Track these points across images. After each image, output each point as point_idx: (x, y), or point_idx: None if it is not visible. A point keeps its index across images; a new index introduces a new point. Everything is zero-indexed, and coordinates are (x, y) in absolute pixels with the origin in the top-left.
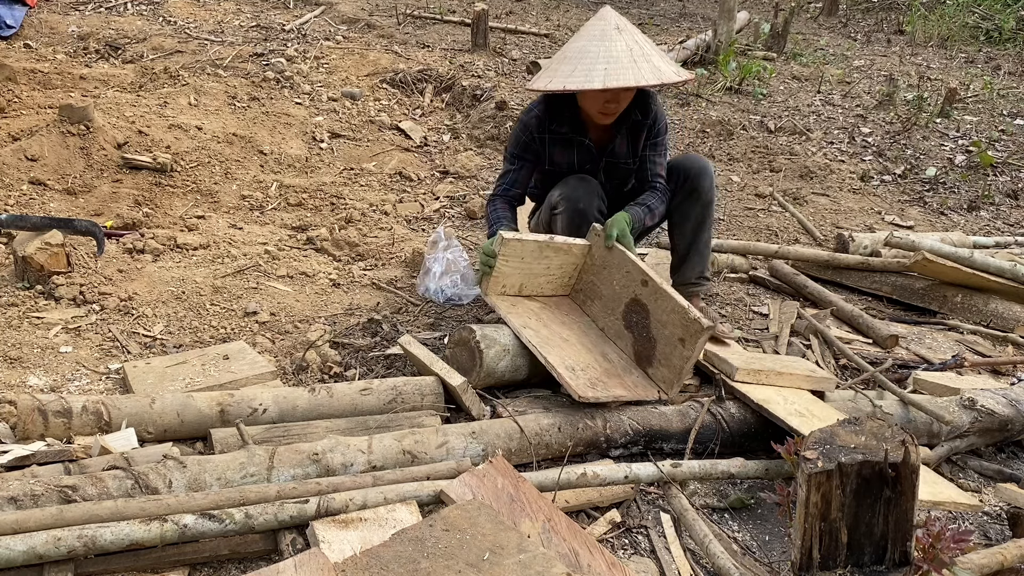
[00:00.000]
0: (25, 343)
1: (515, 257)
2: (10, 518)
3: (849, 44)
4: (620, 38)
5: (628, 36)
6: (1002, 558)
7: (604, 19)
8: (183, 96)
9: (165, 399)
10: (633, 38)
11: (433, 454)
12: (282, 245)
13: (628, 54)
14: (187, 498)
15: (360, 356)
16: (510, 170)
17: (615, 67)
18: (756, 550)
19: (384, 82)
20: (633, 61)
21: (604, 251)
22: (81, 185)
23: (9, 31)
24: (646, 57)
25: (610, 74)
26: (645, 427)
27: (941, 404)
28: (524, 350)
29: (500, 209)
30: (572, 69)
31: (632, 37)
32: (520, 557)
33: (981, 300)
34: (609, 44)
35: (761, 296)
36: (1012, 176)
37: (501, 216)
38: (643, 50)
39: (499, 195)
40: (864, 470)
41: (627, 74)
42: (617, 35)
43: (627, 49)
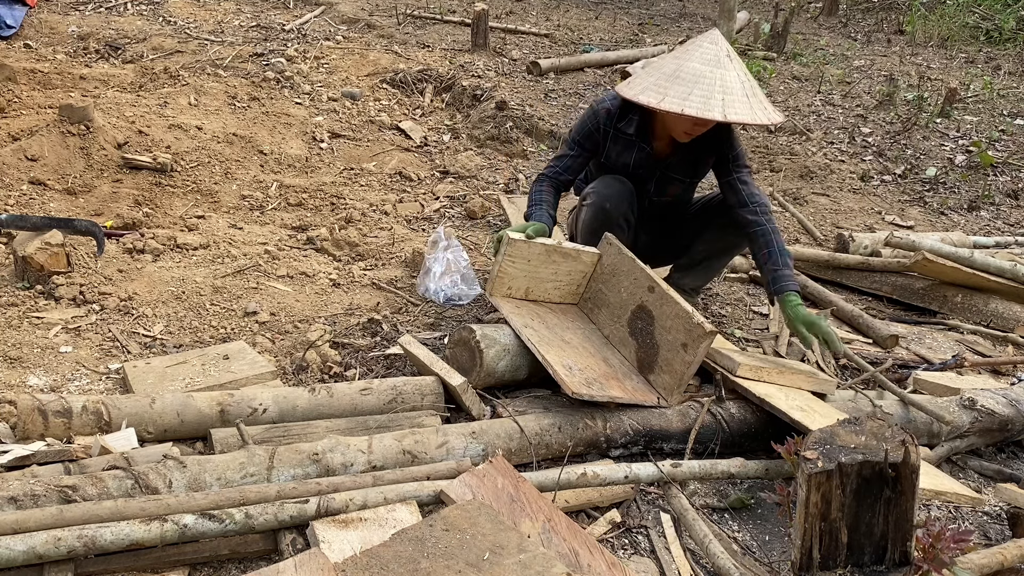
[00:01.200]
0: (25, 343)
1: (521, 259)
2: (10, 518)
3: (849, 44)
4: (732, 68)
5: (738, 67)
6: (1002, 558)
7: (716, 44)
8: (183, 96)
9: (165, 399)
10: (742, 68)
11: (433, 454)
12: (282, 245)
13: (742, 88)
14: (187, 498)
15: (360, 356)
16: (567, 155)
17: (732, 99)
18: (756, 550)
19: (384, 82)
20: (746, 96)
21: (614, 258)
22: (81, 185)
23: (9, 31)
24: (755, 93)
25: (728, 106)
26: (645, 427)
27: (941, 404)
28: (524, 350)
29: (545, 191)
30: (688, 92)
31: (741, 68)
32: (520, 557)
33: (981, 300)
34: (724, 73)
35: (761, 296)
36: (1012, 176)
37: (543, 199)
38: (752, 85)
39: (548, 176)
40: (864, 470)
41: (744, 110)
42: (729, 64)
43: (740, 82)
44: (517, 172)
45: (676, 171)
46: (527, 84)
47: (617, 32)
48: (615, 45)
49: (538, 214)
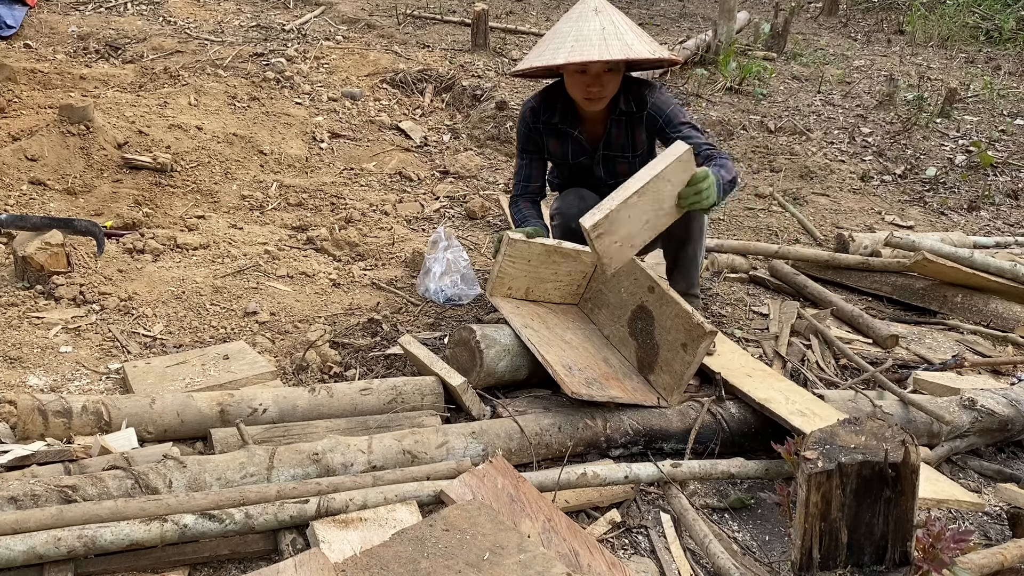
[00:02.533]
0: (25, 343)
1: (521, 259)
2: (10, 518)
3: (849, 44)
4: (596, 19)
5: (605, 17)
6: (1002, 558)
7: (584, 3)
8: (183, 96)
9: (165, 399)
10: (611, 19)
11: (433, 454)
12: (282, 245)
13: (599, 32)
14: (187, 498)
15: (360, 356)
16: (522, 165)
17: (582, 44)
18: (756, 550)
19: (384, 82)
20: (604, 40)
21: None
22: (81, 185)
23: (9, 31)
24: (619, 36)
25: (575, 50)
26: (645, 427)
27: (941, 404)
28: (524, 350)
29: (524, 208)
30: (543, 49)
31: (610, 18)
32: (520, 557)
33: (981, 300)
34: (582, 24)
35: (761, 296)
36: (1012, 176)
37: (527, 215)
38: (617, 29)
39: (519, 195)
40: (864, 470)
41: (593, 51)
42: (593, 16)
43: (599, 28)
44: None
45: (614, 148)
46: (527, 84)
47: None
48: None
49: (531, 223)
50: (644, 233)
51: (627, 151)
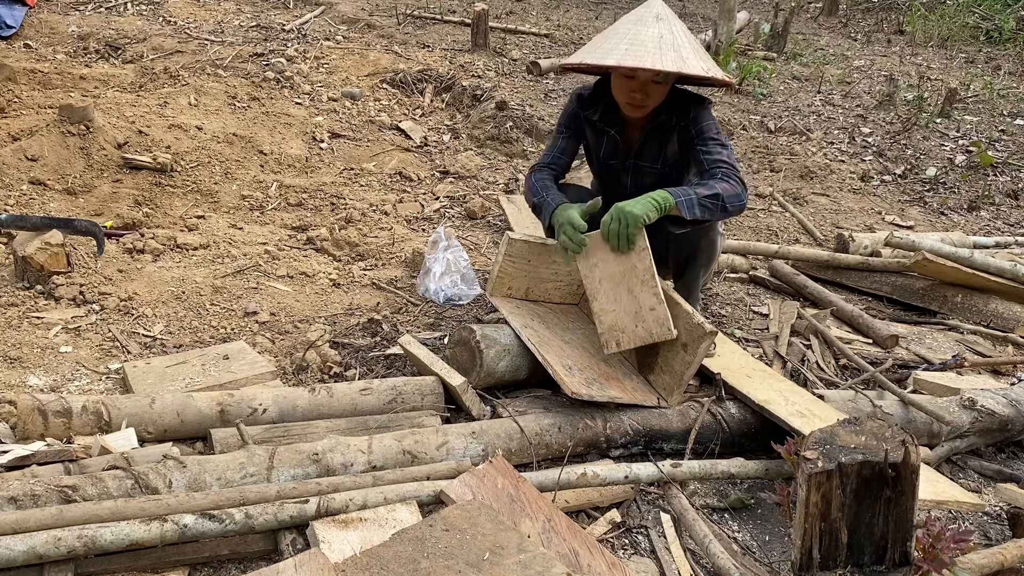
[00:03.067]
0: (25, 343)
1: (521, 259)
2: (10, 518)
3: (849, 44)
4: (655, 25)
5: (665, 25)
6: (1002, 558)
7: (648, 7)
8: (183, 96)
9: (165, 399)
10: (671, 28)
11: (433, 454)
12: (282, 245)
13: (656, 40)
14: (187, 498)
15: (360, 356)
16: (557, 139)
17: (636, 49)
18: (756, 550)
19: (384, 82)
20: (659, 48)
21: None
22: (81, 185)
23: (9, 31)
24: (676, 47)
25: (628, 54)
26: (645, 427)
27: (941, 404)
28: (524, 350)
29: (547, 179)
30: (596, 46)
31: (670, 27)
32: (520, 557)
33: (981, 300)
34: (641, 28)
35: (761, 296)
36: (1012, 176)
37: (548, 186)
38: (676, 40)
39: (544, 164)
40: (864, 470)
41: (645, 57)
42: (653, 22)
43: (657, 35)
44: (517, 172)
45: (645, 158)
46: (527, 84)
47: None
48: None
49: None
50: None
51: (657, 162)
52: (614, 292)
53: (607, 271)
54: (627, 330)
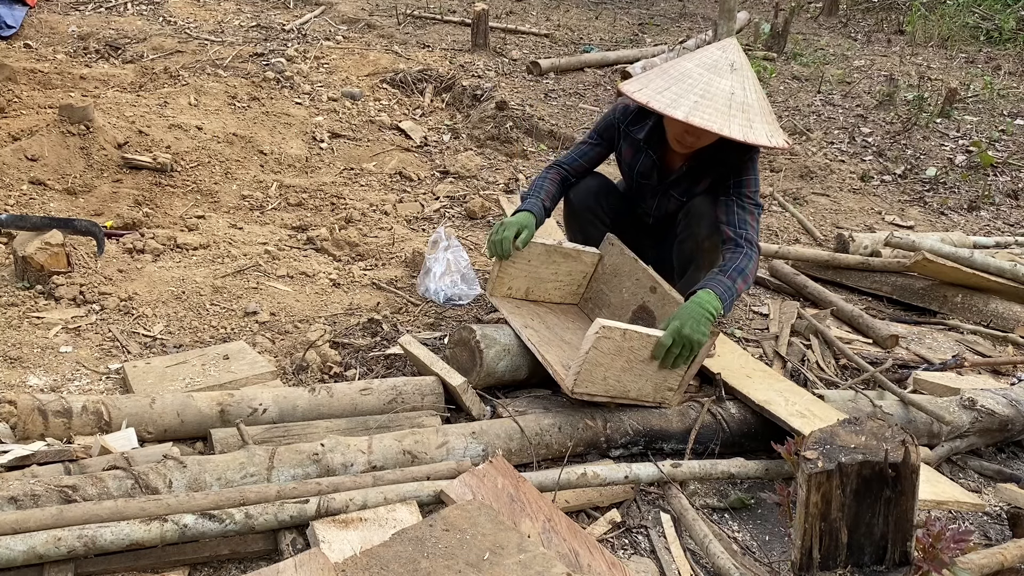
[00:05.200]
0: (25, 343)
1: (521, 259)
2: (10, 518)
3: (849, 44)
4: (729, 78)
5: (738, 79)
6: (1002, 558)
7: (723, 50)
8: (183, 96)
9: (165, 399)
10: (743, 82)
11: (433, 454)
12: (282, 245)
13: (727, 98)
14: (187, 498)
15: (360, 356)
16: (586, 143)
17: (706, 105)
18: (756, 550)
19: (384, 82)
20: (729, 108)
21: (616, 258)
22: (81, 185)
23: (9, 31)
24: (745, 108)
25: (697, 108)
26: (645, 427)
27: (941, 404)
28: (524, 350)
29: (548, 180)
30: (666, 87)
31: (742, 82)
32: (520, 557)
33: (981, 300)
34: (714, 79)
35: (761, 296)
36: (1012, 176)
37: (543, 188)
38: (747, 98)
39: (561, 163)
40: (864, 470)
41: (714, 119)
42: (728, 73)
43: (728, 92)
44: (517, 172)
45: (677, 189)
46: (527, 84)
47: (617, 32)
48: (615, 45)
49: (530, 203)
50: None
51: (684, 195)
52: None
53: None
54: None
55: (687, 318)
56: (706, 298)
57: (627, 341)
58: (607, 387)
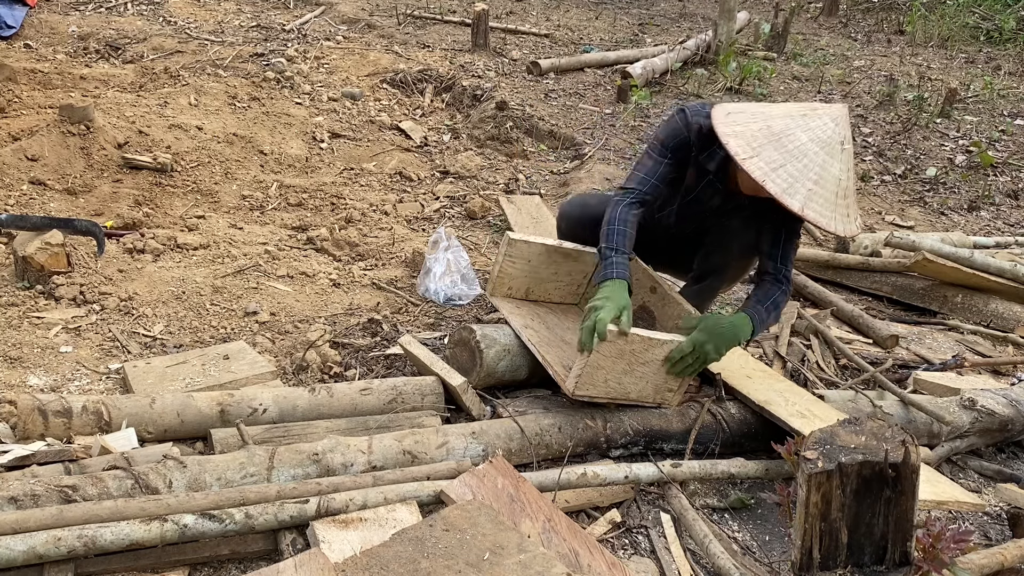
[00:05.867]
0: (25, 343)
1: (521, 259)
2: (10, 518)
3: (849, 44)
4: (839, 160)
5: (845, 162)
6: (1002, 558)
7: (837, 124)
8: (183, 96)
9: (165, 399)
10: (847, 165)
11: (433, 454)
12: (282, 245)
13: (836, 185)
14: (187, 498)
15: (360, 356)
16: (659, 161)
17: (819, 193)
18: (756, 550)
19: (384, 82)
20: (835, 196)
21: None
22: (81, 185)
23: (9, 31)
24: (846, 197)
25: (812, 199)
26: (645, 427)
27: (941, 404)
28: (524, 350)
29: (629, 219)
30: (780, 164)
31: (847, 164)
32: (520, 557)
33: (981, 300)
34: (827, 160)
35: None
36: (1012, 176)
37: (625, 231)
38: (847, 188)
39: (635, 189)
40: (864, 470)
41: (824, 210)
42: (839, 153)
43: (837, 179)
44: (517, 172)
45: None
46: (527, 84)
47: (617, 32)
48: (615, 45)
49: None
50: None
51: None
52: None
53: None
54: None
55: (715, 335)
56: (741, 323)
57: (629, 344)
58: (608, 389)
